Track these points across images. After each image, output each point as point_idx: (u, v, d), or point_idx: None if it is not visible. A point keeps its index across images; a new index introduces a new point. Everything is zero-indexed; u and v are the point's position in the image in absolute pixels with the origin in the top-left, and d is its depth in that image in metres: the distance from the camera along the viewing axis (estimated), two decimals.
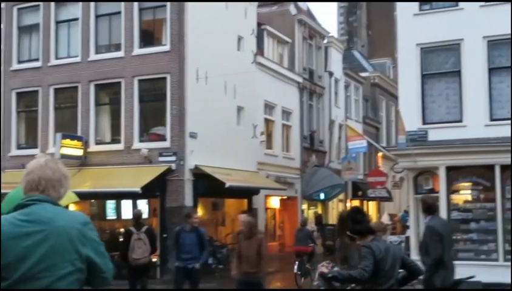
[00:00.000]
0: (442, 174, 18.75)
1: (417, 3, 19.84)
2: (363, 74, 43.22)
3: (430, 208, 9.23)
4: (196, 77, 23.43)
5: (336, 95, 37.47)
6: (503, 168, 18.12)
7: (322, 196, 33.25)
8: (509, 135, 18.06)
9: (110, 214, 24.65)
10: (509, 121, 18.34)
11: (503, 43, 18.76)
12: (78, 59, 24.61)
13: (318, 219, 31.99)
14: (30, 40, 25.95)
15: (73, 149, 23.30)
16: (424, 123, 19.44)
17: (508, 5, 18.76)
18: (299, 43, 33.29)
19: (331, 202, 36.16)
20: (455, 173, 19.00)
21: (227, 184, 22.34)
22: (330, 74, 36.40)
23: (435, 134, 19.09)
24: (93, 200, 24.48)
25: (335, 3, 69.04)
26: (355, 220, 6.87)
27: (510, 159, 18.00)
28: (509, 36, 18.56)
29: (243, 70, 26.11)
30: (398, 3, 20.63)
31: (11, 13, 25.96)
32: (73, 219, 3.17)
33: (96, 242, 3.21)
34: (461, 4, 19.28)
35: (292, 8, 33.21)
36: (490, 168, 18.28)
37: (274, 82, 30.16)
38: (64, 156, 22.22)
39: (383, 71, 47.91)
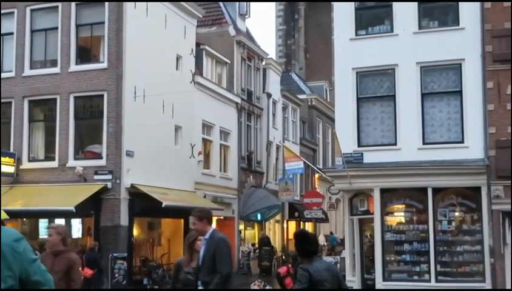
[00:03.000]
0: (377, 196, 19.10)
1: (353, 29, 20.27)
2: (301, 97, 43.74)
3: (210, 217, 8.04)
4: (133, 95, 23.23)
5: (274, 116, 37.77)
6: (435, 190, 18.62)
7: (259, 216, 33.32)
8: (441, 159, 18.60)
9: (43, 233, 23.98)
10: (441, 145, 18.91)
11: (435, 70, 19.38)
12: (12, 74, 24.03)
13: (265, 240, 32.05)
14: None
15: (5, 166, 22.65)
16: (359, 145, 19.80)
17: (441, 33, 19.42)
18: (238, 64, 33.46)
19: (268, 223, 36.27)
20: (389, 195, 19.40)
21: (164, 204, 22.13)
22: (269, 95, 36.69)
23: (370, 156, 19.46)
24: (24, 219, 23.82)
25: (273, 26, 69.77)
26: (303, 242, 6.70)
27: (442, 182, 18.53)
28: (441, 63, 19.21)
29: (181, 89, 26.04)
30: (335, 28, 21.03)
31: None
32: (5, 236, 3.08)
33: (29, 259, 3.14)
34: (396, 31, 19.81)
35: (231, 29, 33.39)
36: (423, 190, 18.75)
37: (212, 102, 30.18)
38: None
39: (320, 93, 48.63)
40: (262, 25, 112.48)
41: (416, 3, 19.64)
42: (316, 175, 41.16)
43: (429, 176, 18.60)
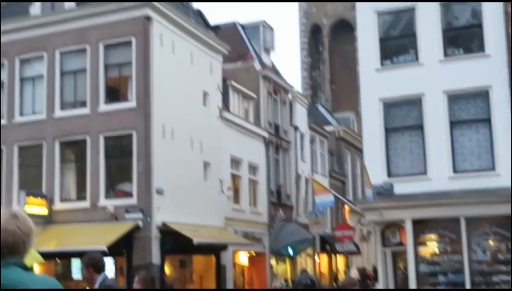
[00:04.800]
0: (408, 227, 18.89)
1: (378, 59, 20.30)
2: (328, 128, 43.69)
3: (101, 265, 7.50)
4: (162, 133, 23.44)
5: (302, 149, 37.74)
6: (468, 220, 18.35)
7: (290, 251, 33.09)
8: (473, 187, 18.36)
9: (76, 273, 24.10)
10: (472, 173, 18.69)
11: (463, 97, 19.26)
12: (43, 116, 24.46)
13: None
14: None
15: (38, 207, 22.92)
16: (389, 176, 19.67)
17: (467, 60, 19.35)
18: (265, 98, 33.65)
19: (299, 257, 35.98)
20: (421, 226, 19.17)
21: (195, 241, 22.11)
22: (296, 128, 36.74)
23: (401, 187, 19.31)
24: (57, 260, 23.96)
25: (298, 58, 70.15)
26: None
27: (474, 211, 18.27)
28: (468, 91, 19.08)
29: (209, 125, 26.24)
30: (360, 59, 21.09)
31: None
32: (45, 285, 3.08)
33: None
34: (421, 59, 19.79)
35: (256, 63, 33.67)
36: (455, 220, 18.50)
37: (240, 137, 30.32)
38: (28, 215, 21.76)
39: (347, 124, 48.55)
40: (287, 58, 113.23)
41: (440, 32, 19.64)
42: (347, 207, 40.85)
43: (461, 205, 18.36)
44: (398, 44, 20.92)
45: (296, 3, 70.57)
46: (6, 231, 2.99)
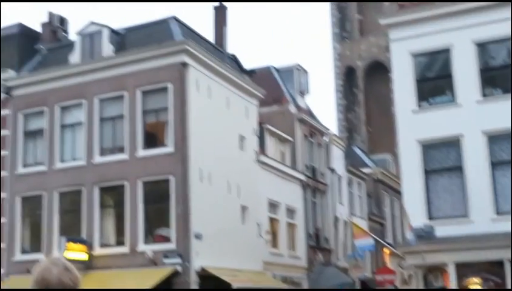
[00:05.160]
0: (451, 270, 18.48)
1: (415, 100, 20.18)
2: (365, 170, 43.38)
3: None
4: (199, 177, 23.54)
5: (340, 192, 37.48)
6: None
7: None
8: None
9: None
10: None
11: (503, 138, 18.96)
12: (83, 162, 24.80)
13: None
14: (35, 145, 26.22)
15: (78, 252, 23.07)
16: (430, 218, 19.36)
17: (505, 100, 19.11)
18: (301, 141, 33.66)
19: None
20: (464, 269, 18.74)
21: (234, 286, 21.96)
22: (332, 171, 36.57)
23: (442, 229, 18.96)
24: None
25: (333, 100, 70.25)
26: None
27: None
28: (508, 130, 18.78)
29: (246, 168, 26.28)
30: (396, 100, 20.98)
31: (17, 118, 26.37)
32: None
33: None
34: (458, 100, 19.64)
35: (291, 107, 33.79)
36: (499, 263, 18.05)
37: (277, 180, 30.27)
38: (68, 260, 21.89)
39: (384, 166, 48.16)
40: (322, 100, 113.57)
41: (477, 72, 19.50)
42: (386, 250, 40.23)
43: (504, 248, 17.91)
44: (434, 85, 20.82)
45: (330, 47, 70.97)
46: (63, 284, 3.07)
